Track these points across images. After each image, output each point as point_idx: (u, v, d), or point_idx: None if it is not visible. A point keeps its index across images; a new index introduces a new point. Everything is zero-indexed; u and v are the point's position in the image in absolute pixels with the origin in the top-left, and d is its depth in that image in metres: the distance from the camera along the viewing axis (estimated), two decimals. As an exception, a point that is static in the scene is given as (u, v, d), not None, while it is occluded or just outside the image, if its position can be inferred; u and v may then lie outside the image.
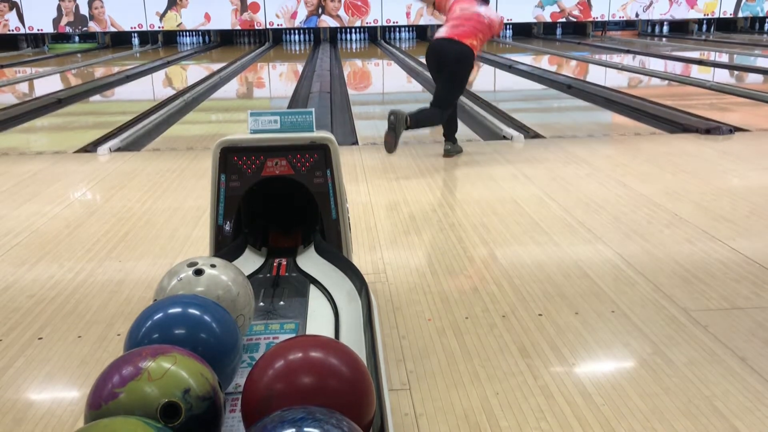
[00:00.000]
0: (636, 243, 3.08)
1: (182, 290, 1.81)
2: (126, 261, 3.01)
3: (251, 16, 16.01)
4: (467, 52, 4.58)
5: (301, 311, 2.17)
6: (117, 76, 10.51)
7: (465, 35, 4.57)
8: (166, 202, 3.85)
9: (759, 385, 1.96)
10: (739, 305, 2.46)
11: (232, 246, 2.42)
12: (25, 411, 1.93)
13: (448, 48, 4.60)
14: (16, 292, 2.71)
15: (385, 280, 2.76)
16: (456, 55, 4.58)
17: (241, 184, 2.39)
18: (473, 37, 4.59)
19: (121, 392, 1.35)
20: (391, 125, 4.55)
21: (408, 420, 1.84)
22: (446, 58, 4.62)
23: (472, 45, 4.57)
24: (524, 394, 1.94)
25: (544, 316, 2.41)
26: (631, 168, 4.40)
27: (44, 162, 4.90)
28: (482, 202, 3.73)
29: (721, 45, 13.93)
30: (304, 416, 1.23)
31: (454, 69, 4.62)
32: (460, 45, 4.56)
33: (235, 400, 1.67)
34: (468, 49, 4.57)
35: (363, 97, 8.56)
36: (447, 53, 4.61)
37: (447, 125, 4.88)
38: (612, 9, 16.61)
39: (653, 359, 2.11)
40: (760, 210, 3.51)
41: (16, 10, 15.60)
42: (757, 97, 7.03)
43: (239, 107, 7.89)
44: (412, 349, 2.20)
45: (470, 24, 4.61)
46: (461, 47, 4.56)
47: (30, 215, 3.66)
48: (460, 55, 4.58)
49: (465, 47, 4.57)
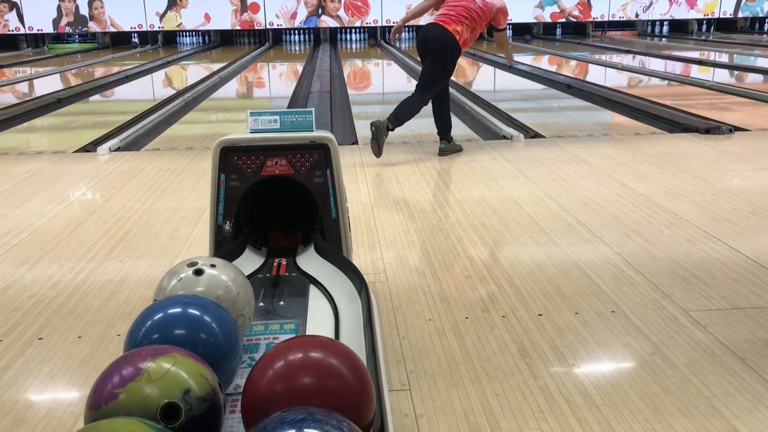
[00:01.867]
0: (636, 243, 3.08)
1: (182, 290, 1.81)
2: (126, 261, 3.01)
3: (251, 17, 16.01)
4: (449, 38, 4.59)
5: (301, 311, 2.17)
6: (117, 75, 10.51)
7: (449, 21, 4.62)
8: (165, 202, 3.85)
9: (759, 385, 1.96)
10: (739, 305, 2.46)
11: (232, 246, 2.42)
12: (25, 412, 1.93)
13: (431, 33, 4.66)
14: (15, 292, 2.71)
15: (385, 280, 2.76)
16: (438, 40, 4.62)
17: (241, 184, 2.39)
18: (457, 23, 4.61)
19: (121, 393, 1.35)
20: (374, 135, 4.58)
21: (408, 420, 1.84)
22: (429, 43, 4.67)
23: (455, 31, 4.59)
24: (524, 395, 1.94)
25: (544, 316, 2.41)
26: (631, 168, 4.40)
27: (44, 162, 4.90)
28: (482, 202, 3.73)
29: (720, 45, 13.93)
30: (304, 417, 1.23)
31: (437, 54, 4.66)
32: (443, 30, 4.60)
33: (235, 400, 1.67)
34: (449, 35, 4.59)
35: (363, 96, 8.56)
36: (430, 39, 4.67)
37: (439, 123, 4.89)
38: (612, 9, 16.61)
39: (653, 359, 2.11)
40: (760, 210, 3.51)
41: (16, 11, 15.60)
42: (756, 97, 7.03)
43: (239, 107, 7.89)
44: (412, 350, 2.20)
45: (456, 11, 4.65)
46: (443, 32, 4.60)
47: (30, 215, 3.66)
48: (441, 40, 4.61)
49: (447, 32, 4.59)
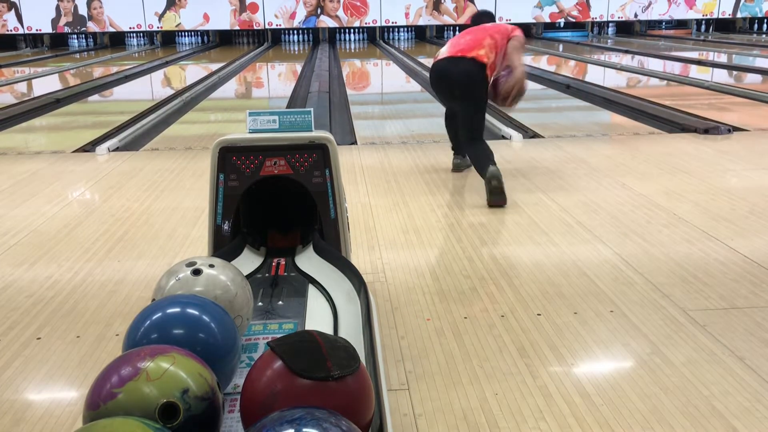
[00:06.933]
0: (635, 243, 3.08)
1: (180, 290, 1.81)
2: (124, 261, 3.01)
3: (250, 17, 16.01)
4: (474, 66, 3.91)
5: (299, 311, 2.17)
6: (115, 75, 10.51)
7: (466, 49, 3.95)
8: (164, 202, 3.85)
9: (757, 384, 1.96)
10: (738, 305, 2.46)
11: (231, 246, 2.42)
12: (24, 411, 1.93)
13: (454, 69, 3.97)
14: (14, 291, 2.71)
15: (384, 279, 2.76)
16: (464, 74, 3.93)
17: (240, 184, 2.39)
18: (477, 48, 3.93)
19: (120, 392, 1.35)
20: (496, 189, 3.70)
21: (407, 420, 1.84)
22: (454, 80, 3.97)
23: (478, 56, 3.90)
24: (523, 394, 1.94)
25: (542, 316, 2.41)
26: (630, 168, 4.40)
27: (43, 162, 4.89)
28: (481, 202, 3.73)
29: (719, 45, 13.93)
30: (302, 416, 1.23)
31: (468, 91, 3.96)
32: (465, 61, 3.92)
33: (234, 400, 1.67)
34: (475, 62, 3.90)
35: (362, 97, 8.56)
36: (453, 75, 3.97)
37: (455, 138, 4.40)
38: (611, 9, 16.62)
39: (652, 359, 2.11)
40: (758, 210, 3.51)
41: (14, 11, 15.59)
42: (755, 97, 7.03)
43: (238, 107, 7.89)
44: (411, 349, 2.20)
45: (468, 38, 4.04)
46: (466, 63, 3.92)
47: (28, 215, 3.66)
48: (468, 73, 3.93)
49: (470, 61, 3.91)
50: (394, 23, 16.30)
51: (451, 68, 4.01)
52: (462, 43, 4.05)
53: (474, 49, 3.95)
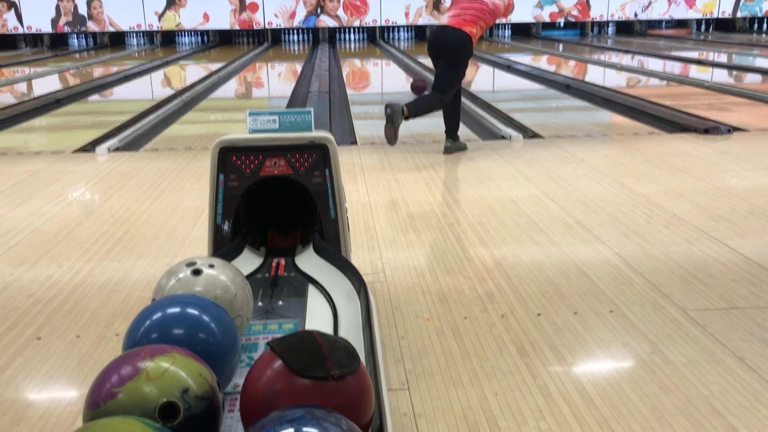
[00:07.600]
0: (634, 243, 3.09)
1: (180, 290, 1.81)
2: (124, 261, 3.01)
3: (250, 16, 16.01)
4: (465, 40, 4.67)
5: (299, 311, 2.17)
6: (115, 76, 10.51)
7: (464, 23, 4.67)
8: (164, 202, 3.85)
9: (757, 384, 1.97)
10: (738, 305, 2.47)
11: (231, 246, 2.42)
12: (24, 411, 1.93)
13: (446, 36, 4.71)
14: (14, 291, 2.71)
15: (384, 279, 2.76)
16: (454, 42, 4.69)
17: (240, 184, 2.39)
18: (473, 24, 4.68)
19: (120, 392, 1.35)
20: (389, 118, 4.64)
21: (407, 420, 1.84)
22: (444, 45, 4.73)
23: (471, 33, 4.67)
24: (523, 394, 1.94)
25: (542, 315, 2.41)
26: (630, 168, 4.40)
27: (43, 162, 4.89)
28: (481, 202, 3.73)
29: (719, 45, 13.94)
30: (302, 415, 1.23)
31: (452, 56, 4.72)
32: (458, 32, 4.66)
33: (234, 399, 1.67)
34: (466, 37, 4.66)
35: (362, 96, 8.56)
36: (444, 41, 4.73)
37: (448, 121, 4.91)
38: (611, 9, 16.62)
39: (652, 359, 2.12)
40: (758, 210, 3.51)
41: (14, 10, 15.59)
42: (755, 97, 7.03)
43: (238, 107, 7.89)
44: (411, 349, 2.20)
45: (470, 12, 4.70)
46: (459, 34, 4.66)
47: (28, 215, 3.66)
48: (457, 42, 4.68)
49: (463, 34, 4.66)
50: (394, 23, 16.30)
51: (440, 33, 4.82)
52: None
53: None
